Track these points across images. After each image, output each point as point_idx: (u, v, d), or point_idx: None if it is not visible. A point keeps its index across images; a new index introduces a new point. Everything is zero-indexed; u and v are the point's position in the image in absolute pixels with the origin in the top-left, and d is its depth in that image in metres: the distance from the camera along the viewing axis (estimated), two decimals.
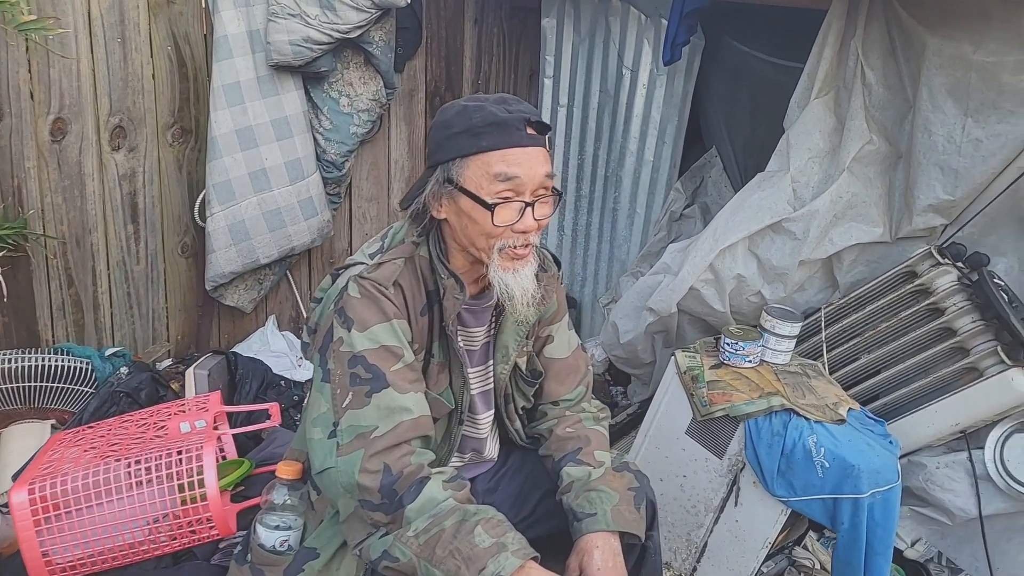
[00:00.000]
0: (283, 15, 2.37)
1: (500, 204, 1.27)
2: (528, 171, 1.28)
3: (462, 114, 1.31)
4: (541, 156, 1.31)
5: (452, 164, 1.30)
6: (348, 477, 1.24)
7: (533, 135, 1.30)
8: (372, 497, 1.23)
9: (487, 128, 1.28)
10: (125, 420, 1.77)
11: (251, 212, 2.52)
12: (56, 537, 1.48)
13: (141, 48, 2.36)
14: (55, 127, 2.23)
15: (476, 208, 1.29)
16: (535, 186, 1.30)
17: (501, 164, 1.27)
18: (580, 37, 3.06)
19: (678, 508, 2.04)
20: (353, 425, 1.25)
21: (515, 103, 1.33)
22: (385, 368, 1.28)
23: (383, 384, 1.27)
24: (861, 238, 2.13)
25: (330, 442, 1.26)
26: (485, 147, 1.28)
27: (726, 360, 1.99)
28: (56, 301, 2.35)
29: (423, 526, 1.22)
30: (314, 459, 1.29)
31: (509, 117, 1.28)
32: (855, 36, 2.10)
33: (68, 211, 2.32)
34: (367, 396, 1.26)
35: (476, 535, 1.21)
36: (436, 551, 1.20)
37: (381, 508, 1.24)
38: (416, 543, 1.21)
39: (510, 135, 1.28)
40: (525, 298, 1.34)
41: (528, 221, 1.30)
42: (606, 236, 3.23)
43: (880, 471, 1.76)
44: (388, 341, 1.29)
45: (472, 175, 1.29)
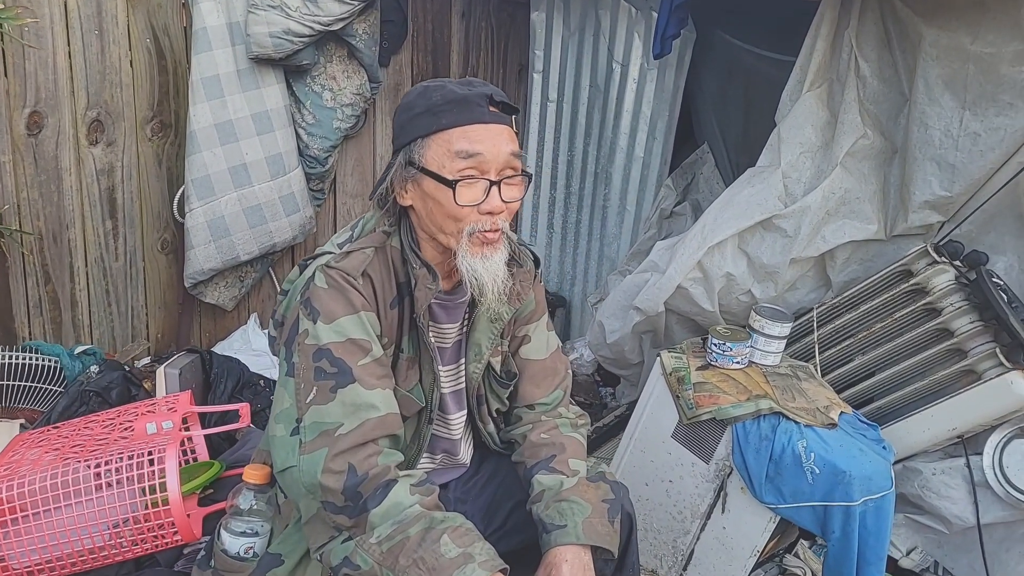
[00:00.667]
0: (263, 7, 2.32)
1: (462, 181, 1.22)
2: (491, 148, 1.23)
3: (423, 95, 1.27)
4: (506, 134, 1.26)
5: (413, 145, 1.26)
6: (310, 477, 1.18)
7: (496, 112, 1.26)
8: (335, 499, 1.18)
9: (447, 105, 1.23)
10: (91, 420, 1.71)
11: (231, 208, 2.46)
12: (13, 541, 1.43)
13: (119, 41, 2.31)
14: (31, 120, 2.18)
15: (440, 189, 1.23)
16: (500, 165, 1.25)
17: (462, 141, 1.23)
18: (570, 31, 3.00)
19: (664, 514, 1.98)
20: (317, 422, 1.20)
21: (480, 84, 1.28)
22: (352, 362, 1.22)
23: (349, 379, 1.21)
24: (855, 235, 2.07)
25: (293, 439, 1.21)
26: (445, 124, 1.23)
27: (713, 361, 1.93)
28: (33, 298, 2.30)
29: (387, 533, 1.16)
30: (276, 457, 1.24)
31: (470, 94, 1.24)
32: (849, 27, 2.04)
33: (44, 206, 2.27)
34: (332, 391, 1.20)
35: (442, 544, 1.15)
36: (399, 560, 1.14)
37: (344, 511, 1.18)
38: (379, 550, 1.16)
39: (471, 111, 1.23)
40: (496, 286, 1.28)
41: (495, 201, 1.25)
42: (596, 234, 3.17)
43: (872, 478, 1.70)
44: (355, 334, 1.23)
45: (433, 155, 1.24)
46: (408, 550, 1.14)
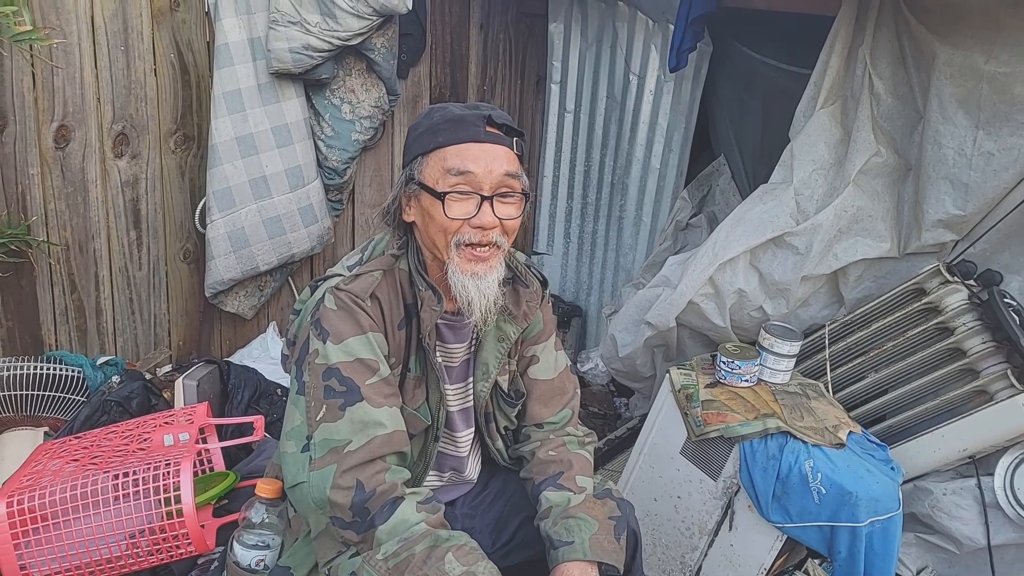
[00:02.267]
0: (283, 23, 2.37)
1: (451, 194, 1.26)
2: (483, 167, 1.27)
3: (427, 116, 1.33)
4: (501, 154, 1.29)
5: (415, 162, 1.31)
6: (320, 493, 1.21)
7: (493, 133, 1.29)
8: (343, 515, 1.21)
9: (444, 124, 1.28)
10: (110, 431, 1.77)
11: (251, 219, 2.52)
12: (34, 550, 1.48)
13: (144, 56, 2.37)
14: (59, 134, 2.25)
15: (434, 203, 1.28)
16: (493, 183, 1.28)
17: (455, 159, 1.27)
18: (587, 42, 3.02)
19: (672, 529, 1.99)
20: (326, 439, 1.24)
21: (485, 107, 1.33)
22: (360, 381, 1.26)
23: (357, 397, 1.25)
24: (867, 253, 2.06)
25: (303, 456, 1.24)
26: (441, 142, 1.28)
27: (722, 379, 1.94)
28: (59, 307, 2.36)
29: (393, 550, 1.19)
30: (286, 473, 1.27)
31: (467, 114, 1.29)
32: (863, 44, 2.03)
33: (71, 217, 2.33)
34: (341, 409, 1.24)
35: (447, 563, 1.18)
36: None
37: (352, 527, 1.22)
38: (385, 567, 1.19)
39: (465, 130, 1.28)
40: (485, 303, 1.30)
41: (486, 216, 1.27)
42: (612, 244, 3.18)
43: (880, 499, 1.70)
44: (363, 354, 1.27)
45: (430, 171, 1.29)
46: (413, 567, 1.17)
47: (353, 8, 2.40)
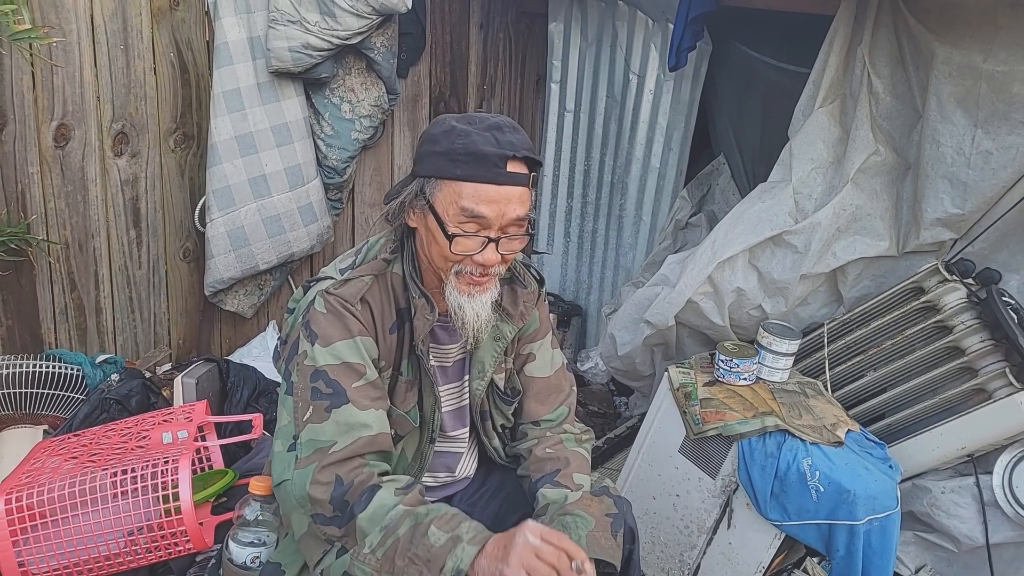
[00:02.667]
0: (283, 22, 2.37)
1: (460, 236, 1.26)
2: (496, 211, 1.26)
3: (449, 134, 1.27)
4: (516, 197, 1.27)
5: (428, 181, 1.29)
6: (300, 489, 1.22)
7: (513, 174, 1.26)
8: (324, 510, 1.21)
9: (466, 157, 1.24)
10: (109, 429, 1.77)
11: (250, 218, 2.52)
12: (33, 547, 1.48)
13: (144, 55, 2.37)
14: (58, 133, 2.25)
15: (440, 232, 1.28)
16: (503, 225, 1.28)
17: (471, 200, 1.25)
18: (587, 42, 3.02)
19: (671, 528, 1.99)
20: (312, 439, 1.24)
21: (509, 132, 1.28)
22: (346, 384, 1.26)
23: (343, 400, 1.26)
24: (866, 252, 2.06)
25: (289, 455, 1.25)
26: (459, 176, 1.26)
27: (720, 377, 1.94)
28: (59, 305, 2.37)
29: (378, 539, 1.19)
30: (274, 471, 1.28)
31: (490, 152, 1.24)
32: (862, 43, 2.03)
33: (71, 216, 2.34)
34: (327, 411, 1.25)
35: (431, 535, 1.18)
36: (396, 562, 1.17)
37: (334, 522, 1.22)
38: (374, 559, 1.19)
39: (487, 171, 1.25)
40: (477, 323, 1.32)
41: (489, 255, 1.28)
42: (611, 243, 3.19)
43: (877, 497, 1.70)
44: (350, 358, 1.28)
45: (442, 199, 1.27)
46: (401, 551, 1.17)
47: (353, 7, 2.40)
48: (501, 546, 1.16)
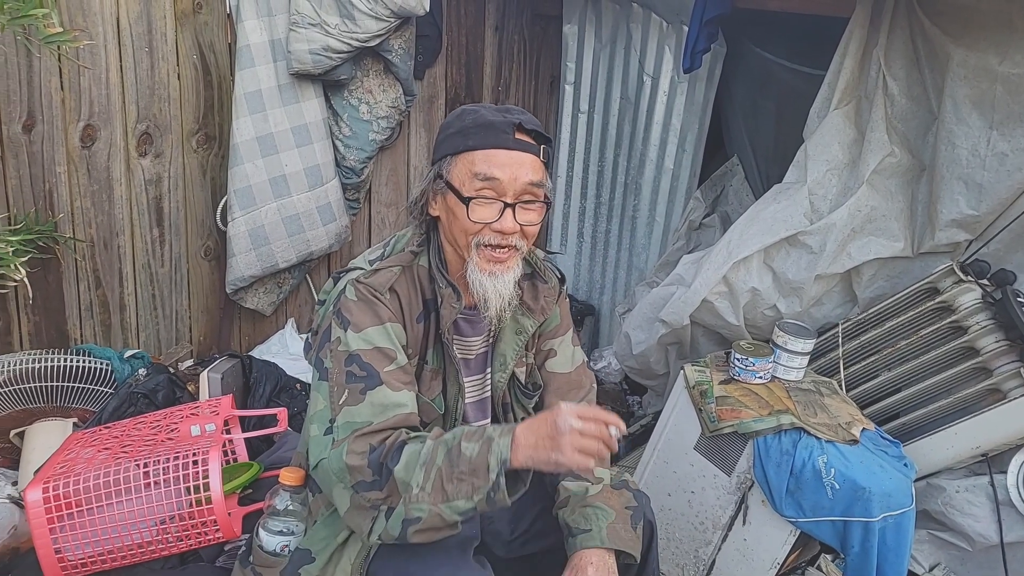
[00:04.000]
0: (303, 25, 2.41)
1: (476, 199, 1.30)
2: (509, 174, 1.31)
3: (460, 116, 1.36)
4: (528, 162, 1.33)
5: (443, 161, 1.35)
6: (338, 462, 1.25)
7: (522, 140, 1.33)
8: (363, 476, 1.24)
9: (475, 129, 1.32)
10: (139, 422, 1.81)
11: (271, 217, 2.56)
12: (69, 535, 1.52)
13: (168, 57, 2.41)
14: (85, 134, 2.30)
15: (458, 204, 1.32)
16: (517, 190, 1.32)
17: (483, 164, 1.31)
18: (601, 44, 3.05)
19: (686, 524, 2.02)
20: (349, 421, 1.28)
21: (516, 112, 1.36)
22: (379, 368, 1.30)
23: (377, 382, 1.29)
24: (880, 253, 2.08)
25: (326, 438, 1.28)
26: (471, 146, 1.32)
27: (736, 376, 1.97)
28: (84, 302, 2.41)
29: (422, 476, 1.21)
30: (311, 455, 1.31)
31: (498, 120, 1.32)
32: (878, 45, 2.05)
33: (96, 215, 2.38)
34: (362, 393, 1.28)
35: (465, 450, 1.22)
36: (446, 488, 1.20)
37: (375, 486, 1.24)
38: (426, 495, 1.21)
39: (496, 136, 1.31)
40: (500, 302, 1.35)
41: (507, 222, 1.32)
42: (625, 244, 3.21)
43: (892, 494, 1.72)
44: (382, 343, 1.32)
45: (458, 172, 1.33)
46: (447, 475, 1.20)
47: (372, 10, 2.44)
48: (544, 436, 1.18)
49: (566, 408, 1.20)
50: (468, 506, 1.20)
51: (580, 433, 1.17)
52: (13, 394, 1.97)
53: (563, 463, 1.17)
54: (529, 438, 1.20)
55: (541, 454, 1.18)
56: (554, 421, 1.19)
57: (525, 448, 1.19)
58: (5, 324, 2.25)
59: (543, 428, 1.19)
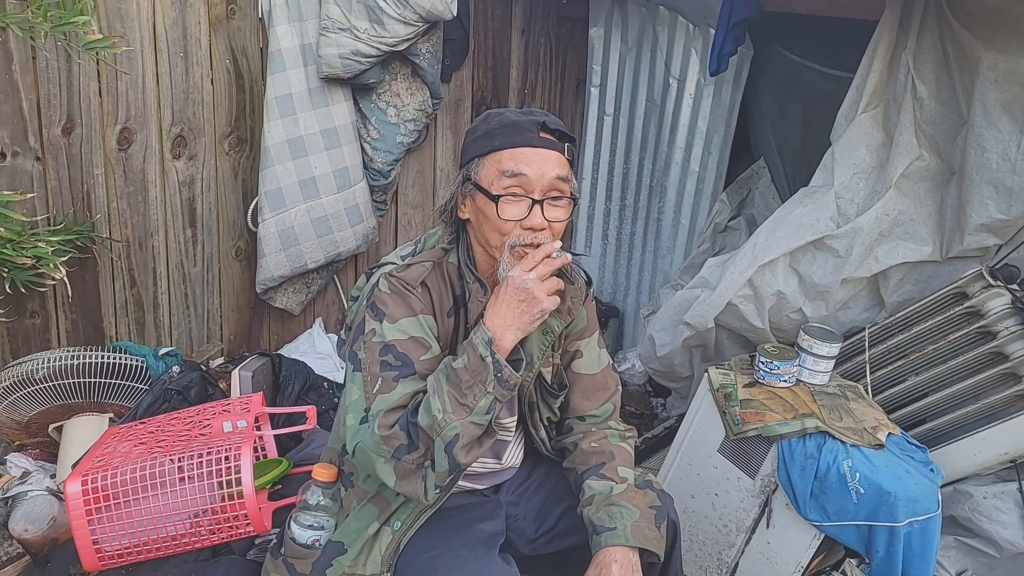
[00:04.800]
0: (334, 29, 2.45)
1: (505, 197, 1.33)
2: (535, 170, 1.34)
3: (485, 120, 1.41)
4: (553, 159, 1.36)
5: (471, 164, 1.39)
6: (372, 438, 1.29)
7: (546, 138, 1.36)
8: (400, 439, 1.28)
9: (501, 129, 1.36)
10: (173, 417, 1.86)
11: (300, 219, 2.61)
12: (106, 526, 1.57)
13: (202, 62, 2.47)
14: (122, 136, 2.36)
15: (487, 203, 1.35)
16: (545, 186, 1.34)
17: (509, 162, 1.34)
18: (627, 46, 3.06)
19: (709, 526, 2.02)
20: (383, 410, 1.30)
21: (539, 113, 1.40)
22: (414, 357, 1.34)
23: (411, 371, 1.33)
24: (908, 257, 2.07)
25: (362, 427, 1.32)
26: (497, 146, 1.35)
27: (761, 379, 1.97)
28: (120, 300, 2.48)
29: (439, 404, 1.26)
30: (348, 443, 1.35)
31: (523, 120, 1.36)
32: (906, 48, 2.04)
33: (132, 215, 2.44)
34: (395, 380, 1.32)
35: (457, 364, 1.29)
36: (463, 402, 1.26)
37: (411, 447, 1.28)
38: (453, 416, 1.25)
39: (520, 135, 1.35)
40: None
41: (536, 219, 1.34)
42: (650, 246, 3.22)
43: (918, 500, 1.71)
44: (417, 333, 1.35)
45: (485, 173, 1.36)
46: (458, 393, 1.26)
47: (401, 15, 2.48)
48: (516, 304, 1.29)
49: (516, 273, 1.30)
50: (488, 401, 1.27)
51: (540, 279, 1.29)
52: (52, 390, 2.03)
53: (546, 309, 1.30)
54: (505, 317, 1.30)
55: (525, 318, 1.30)
56: (515, 288, 1.29)
57: (505, 327, 1.29)
58: (44, 321, 2.32)
59: (511, 300, 1.29)
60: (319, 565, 1.43)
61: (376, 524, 1.42)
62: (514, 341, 1.30)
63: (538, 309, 1.29)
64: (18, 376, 2.00)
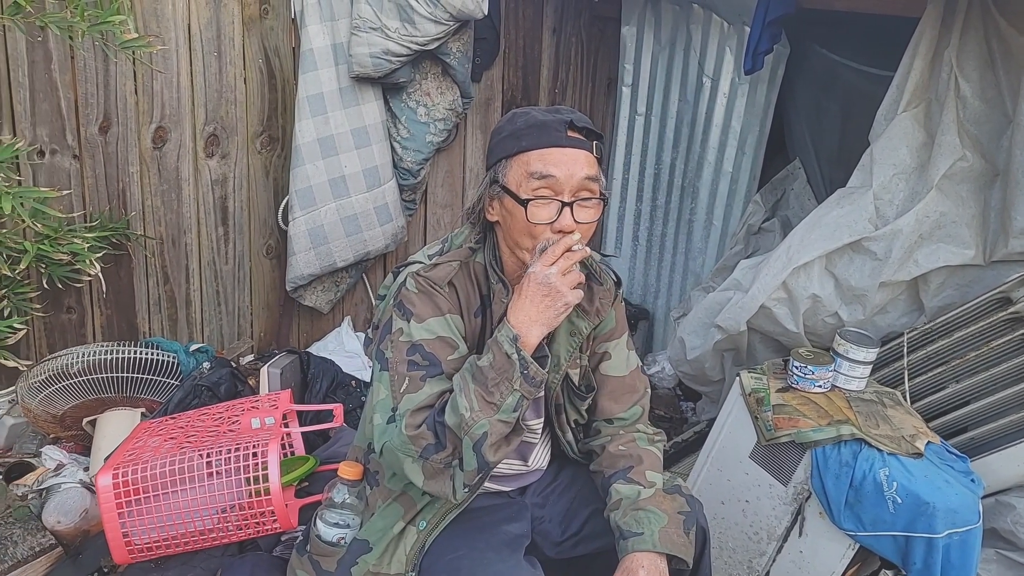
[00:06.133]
0: (365, 29, 2.46)
1: (534, 200, 1.31)
2: (564, 171, 1.31)
3: (511, 120, 1.38)
4: (582, 158, 1.33)
5: (498, 166, 1.37)
6: (399, 437, 1.28)
7: (574, 137, 1.34)
8: (427, 439, 1.28)
9: (528, 130, 1.33)
10: (203, 413, 1.88)
11: (330, 217, 2.62)
12: (135, 519, 1.59)
13: (235, 61, 2.50)
14: (156, 135, 2.39)
15: (516, 206, 1.33)
16: (574, 187, 1.32)
17: (538, 163, 1.32)
18: (660, 45, 3.02)
19: (739, 533, 1.98)
20: (409, 409, 1.30)
21: (566, 111, 1.37)
22: (442, 356, 1.33)
23: (439, 370, 1.32)
24: (950, 260, 2.00)
25: (389, 426, 1.31)
26: (524, 147, 1.33)
27: (794, 384, 1.92)
28: (153, 297, 2.51)
29: (466, 403, 1.25)
30: (375, 442, 1.34)
31: (550, 119, 1.33)
32: (949, 46, 1.98)
33: (166, 213, 2.48)
34: (422, 380, 1.31)
35: (483, 363, 1.28)
36: (491, 399, 1.25)
37: (439, 446, 1.27)
38: (478, 413, 1.25)
39: (548, 135, 1.32)
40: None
41: (566, 221, 1.32)
42: (681, 248, 3.17)
43: (958, 511, 1.66)
44: (444, 332, 1.34)
45: (513, 175, 1.34)
46: (484, 391, 1.25)
47: (431, 14, 2.47)
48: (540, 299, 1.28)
49: (537, 268, 1.29)
50: (515, 399, 1.27)
51: (561, 273, 1.28)
52: (86, 384, 2.06)
53: (570, 303, 1.29)
54: (529, 312, 1.28)
55: (549, 313, 1.29)
56: (538, 284, 1.28)
57: (530, 323, 1.28)
58: (80, 317, 2.36)
59: (534, 296, 1.28)
60: (344, 563, 1.43)
61: (401, 523, 1.42)
62: (539, 337, 1.29)
63: (562, 303, 1.28)
64: (54, 370, 2.03)
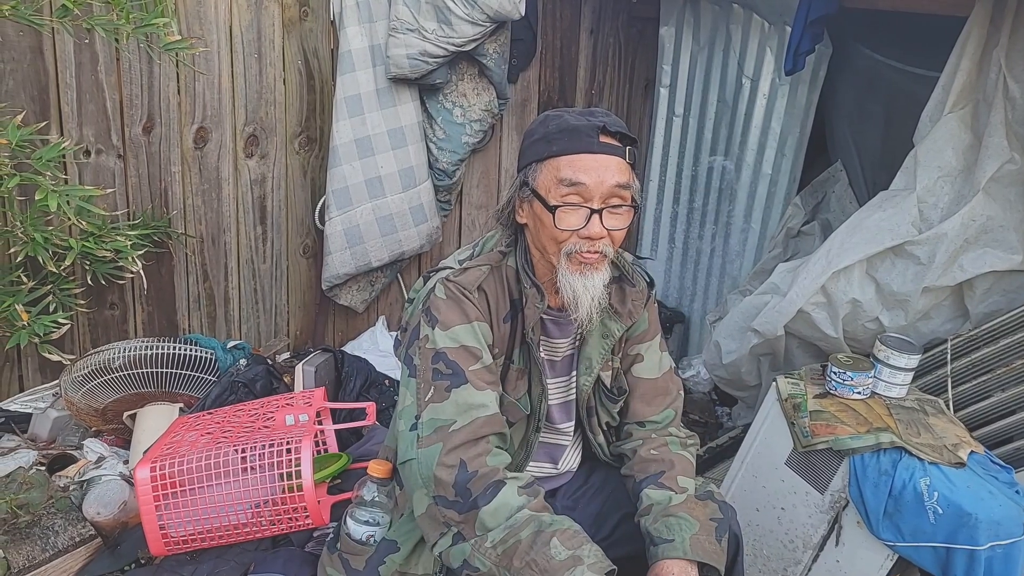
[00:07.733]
0: (402, 30, 2.48)
1: (562, 207, 1.30)
2: (594, 178, 1.29)
3: (543, 123, 1.36)
4: (613, 165, 1.31)
5: (528, 169, 1.36)
6: (427, 469, 1.28)
7: (607, 143, 1.31)
8: (447, 492, 1.26)
9: (559, 134, 1.31)
10: (239, 409, 1.91)
11: (366, 217, 2.64)
12: (172, 512, 1.62)
13: (275, 63, 2.53)
14: (198, 135, 2.44)
15: (545, 212, 1.32)
16: (604, 194, 1.30)
17: (568, 169, 1.30)
18: (699, 45, 2.99)
19: (774, 541, 1.95)
20: (433, 418, 1.30)
21: (600, 114, 1.34)
22: (465, 366, 1.32)
23: (462, 380, 1.31)
24: (996, 265, 1.94)
25: (412, 434, 1.31)
26: (555, 152, 1.31)
27: (832, 390, 1.88)
28: (193, 294, 2.56)
29: (500, 536, 1.23)
30: (399, 450, 1.35)
31: (582, 124, 1.31)
32: (998, 46, 1.92)
33: (206, 212, 2.52)
34: (447, 391, 1.31)
35: (552, 547, 1.21)
36: (514, 562, 1.21)
37: (454, 506, 1.26)
38: (494, 553, 1.23)
39: (579, 141, 1.30)
40: (590, 302, 1.34)
41: (594, 228, 1.31)
42: (718, 251, 3.13)
43: (1002, 523, 1.61)
44: (468, 342, 1.34)
45: (543, 179, 1.32)
46: (521, 552, 1.21)
47: (468, 15, 2.48)
48: None
49: None
50: None
51: None
52: (127, 378, 2.11)
53: None
54: None
55: None
56: None
57: None
58: (122, 313, 2.41)
59: None
60: (373, 562, 1.44)
61: None
62: None
63: None
64: (96, 364, 2.08)
